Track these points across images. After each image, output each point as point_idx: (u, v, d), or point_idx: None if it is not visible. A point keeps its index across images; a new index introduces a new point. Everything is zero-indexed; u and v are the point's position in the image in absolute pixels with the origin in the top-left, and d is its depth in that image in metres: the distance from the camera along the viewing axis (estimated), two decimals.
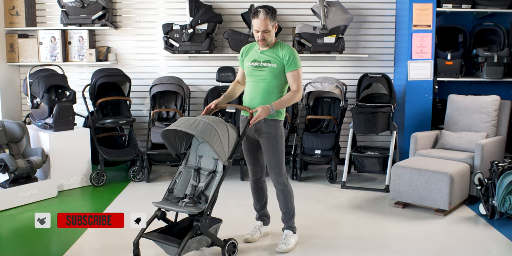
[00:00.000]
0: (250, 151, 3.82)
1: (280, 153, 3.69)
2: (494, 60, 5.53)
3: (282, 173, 3.72)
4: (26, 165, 4.77)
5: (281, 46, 3.67)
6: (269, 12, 3.55)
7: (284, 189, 3.75)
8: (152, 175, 5.77)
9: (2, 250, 3.78)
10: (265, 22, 3.53)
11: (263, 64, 3.64)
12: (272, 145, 3.67)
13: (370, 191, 5.24)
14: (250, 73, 3.71)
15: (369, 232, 4.12)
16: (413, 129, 5.55)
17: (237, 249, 3.61)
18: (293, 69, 3.62)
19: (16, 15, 5.89)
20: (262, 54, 3.67)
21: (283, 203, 3.79)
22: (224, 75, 5.94)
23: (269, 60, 3.63)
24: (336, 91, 5.54)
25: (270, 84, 3.64)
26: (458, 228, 4.23)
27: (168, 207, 3.43)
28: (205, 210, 3.40)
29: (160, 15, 6.14)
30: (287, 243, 3.74)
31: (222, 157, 3.40)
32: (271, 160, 3.70)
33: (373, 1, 6.09)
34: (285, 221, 3.86)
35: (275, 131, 3.67)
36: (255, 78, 3.69)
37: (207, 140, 3.31)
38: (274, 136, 3.66)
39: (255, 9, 3.59)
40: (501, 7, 5.62)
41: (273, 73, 3.63)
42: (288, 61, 3.61)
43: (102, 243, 3.94)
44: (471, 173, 4.78)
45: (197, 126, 3.35)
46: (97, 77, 5.51)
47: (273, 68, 3.62)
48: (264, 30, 3.55)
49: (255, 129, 3.68)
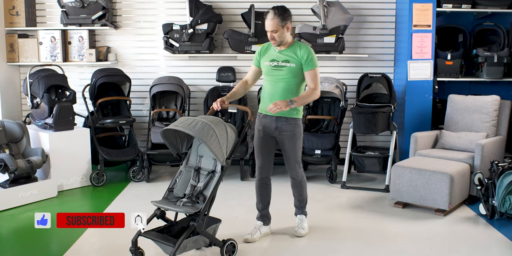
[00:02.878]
0: (264, 148, 3.89)
1: (299, 149, 3.89)
2: (494, 60, 5.53)
3: (300, 166, 3.95)
4: (26, 165, 4.77)
5: (299, 46, 3.77)
6: (277, 12, 3.64)
7: (301, 180, 3.99)
8: (152, 175, 5.77)
9: (2, 250, 3.78)
10: (272, 22, 3.63)
11: (282, 64, 3.74)
12: (293, 143, 3.83)
13: (370, 191, 5.24)
14: (268, 72, 3.80)
15: (369, 232, 4.12)
16: (413, 129, 5.54)
17: (236, 249, 3.61)
18: (310, 69, 3.73)
19: (16, 15, 5.89)
20: (281, 53, 3.76)
21: (299, 191, 4.02)
22: (224, 75, 5.95)
23: (288, 59, 3.73)
24: (336, 91, 5.54)
25: (289, 83, 3.74)
26: (458, 228, 4.23)
27: (165, 207, 3.44)
28: (202, 210, 3.40)
29: (160, 15, 6.14)
30: (304, 228, 4.01)
31: (219, 157, 3.42)
32: (291, 156, 3.87)
33: (373, 1, 6.09)
34: (299, 207, 4.09)
35: (296, 129, 3.82)
36: (274, 77, 3.77)
37: (204, 140, 3.32)
38: (295, 134, 3.82)
39: (267, 10, 3.71)
40: (501, 7, 5.62)
41: (291, 73, 3.73)
42: (306, 60, 3.71)
43: (102, 243, 3.94)
44: (471, 173, 4.78)
45: (194, 126, 3.36)
46: (97, 77, 5.51)
47: (292, 67, 3.73)
48: (273, 30, 3.65)
49: (276, 126, 3.79)
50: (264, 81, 3.87)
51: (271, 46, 3.83)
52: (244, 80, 3.95)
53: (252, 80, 3.94)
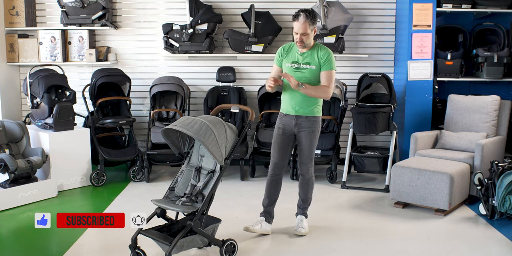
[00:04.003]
0: (282, 145, 3.98)
1: (315, 147, 3.99)
2: (494, 60, 5.53)
3: (312, 164, 4.03)
4: (26, 165, 4.77)
5: (319, 48, 3.88)
6: (309, 16, 3.74)
7: (310, 179, 4.05)
8: (152, 175, 5.77)
9: (2, 250, 3.78)
10: (304, 25, 3.73)
11: (303, 66, 3.86)
12: (311, 139, 3.93)
13: (370, 191, 5.24)
14: (289, 73, 3.86)
15: (369, 232, 4.12)
16: (413, 129, 5.54)
17: (236, 250, 3.61)
18: (327, 69, 3.84)
19: (16, 15, 5.89)
20: (302, 56, 3.87)
21: (305, 191, 4.08)
22: (224, 75, 5.95)
23: (309, 62, 3.85)
24: (336, 91, 5.53)
25: (310, 84, 3.83)
26: (458, 228, 4.23)
27: (164, 205, 3.46)
28: (199, 209, 3.40)
29: (160, 15, 6.14)
30: (304, 227, 4.04)
31: (217, 157, 3.43)
32: (306, 153, 3.96)
33: (373, 1, 6.09)
34: (301, 207, 4.13)
35: (315, 126, 3.93)
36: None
37: (201, 140, 3.33)
38: (313, 131, 3.92)
39: (297, 12, 3.78)
40: (501, 7, 5.62)
41: (312, 75, 3.85)
42: (325, 61, 3.83)
43: (102, 243, 3.94)
44: (471, 173, 4.78)
45: (193, 126, 3.37)
46: (97, 77, 5.51)
47: (313, 69, 3.85)
48: (303, 33, 3.75)
49: (296, 123, 3.91)
50: (284, 81, 3.92)
51: (292, 47, 3.94)
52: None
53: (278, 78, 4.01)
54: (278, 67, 3.99)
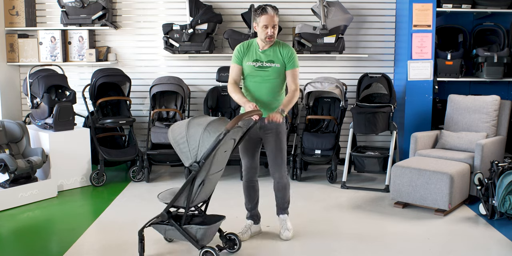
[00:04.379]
0: (249, 151, 3.86)
1: (284, 149, 3.82)
2: (494, 60, 5.54)
3: (285, 167, 3.87)
4: (26, 165, 4.77)
5: (282, 45, 3.75)
6: (275, 9, 3.67)
7: (285, 183, 3.90)
8: (152, 175, 5.77)
9: (2, 250, 3.78)
10: (274, 18, 3.63)
11: (267, 64, 3.70)
12: (279, 141, 3.78)
13: (370, 191, 5.24)
14: (252, 73, 3.73)
15: (369, 232, 4.11)
16: (413, 129, 5.55)
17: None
18: (293, 68, 3.72)
19: (16, 15, 5.90)
20: (263, 53, 3.72)
21: (282, 195, 3.94)
22: (224, 75, 5.94)
23: (272, 60, 3.70)
24: (336, 91, 5.54)
25: (274, 83, 3.72)
26: (458, 228, 4.23)
27: (164, 201, 3.53)
28: (169, 203, 3.45)
29: (160, 15, 6.14)
30: (289, 228, 3.92)
31: (184, 159, 3.39)
32: (277, 155, 3.80)
33: (373, 1, 6.09)
34: (281, 208, 3.99)
35: (281, 127, 3.77)
36: (258, 78, 3.72)
37: (171, 142, 3.37)
38: (280, 132, 3.77)
39: (261, 7, 3.66)
40: (501, 7, 5.62)
41: (276, 73, 3.71)
42: (290, 59, 3.70)
43: (102, 243, 3.94)
44: (471, 173, 4.78)
45: (173, 131, 3.41)
46: (97, 77, 5.51)
47: (277, 68, 3.70)
48: (274, 25, 3.63)
49: (260, 126, 3.75)
50: (245, 81, 3.78)
51: (251, 45, 3.77)
52: (234, 82, 3.77)
53: (239, 80, 3.83)
54: (238, 66, 3.76)
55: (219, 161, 3.51)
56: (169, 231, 3.51)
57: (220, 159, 3.51)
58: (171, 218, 3.47)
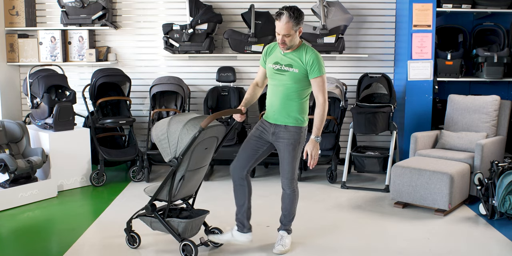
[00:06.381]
0: (251, 147, 3.64)
1: (294, 160, 3.59)
2: (494, 60, 5.54)
3: (294, 178, 3.64)
4: (26, 165, 4.77)
5: (306, 50, 3.47)
6: (293, 15, 3.33)
7: (291, 194, 3.67)
8: (152, 175, 5.77)
9: (2, 250, 3.78)
10: (287, 26, 3.33)
11: (285, 68, 3.48)
12: (288, 152, 3.56)
13: (370, 191, 5.24)
14: (271, 75, 3.57)
15: (369, 232, 4.12)
16: (413, 129, 5.55)
17: (195, 253, 3.47)
18: (317, 76, 3.44)
19: (16, 15, 5.90)
20: (285, 56, 3.50)
21: (287, 206, 3.71)
22: (224, 75, 5.95)
23: (291, 64, 3.46)
24: (336, 91, 5.54)
25: (290, 89, 3.49)
26: (458, 228, 4.23)
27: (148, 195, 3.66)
28: (152, 197, 3.59)
29: (160, 15, 6.14)
30: (284, 245, 3.68)
31: (164, 155, 3.48)
32: (285, 166, 3.60)
33: (373, 1, 6.09)
34: (283, 223, 3.77)
35: (294, 137, 3.54)
36: (275, 81, 3.54)
37: (153, 138, 3.49)
38: (291, 143, 3.54)
39: (280, 10, 3.38)
40: (501, 7, 5.62)
41: (293, 79, 3.47)
42: (312, 66, 3.42)
43: (102, 243, 3.94)
44: (471, 173, 4.78)
45: (155, 128, 3.51)
46: (97, 77, 5.51)
47: (295, 73, 3.46)
48: (286, 34, 3.36)
49: (273, 132, 3.56)
50: (268, 84, 3.65)
51: (276, 46, 3.57)
52: (254, 83, 3.70)
53: (262, 82, 3.70)
54: (263, 69, 3.64)
55: (200, 158, 3.56)
56: (154, 223, 3.63)
57: (201, 156, 3.55)
58: (155, 211, 3.59)
